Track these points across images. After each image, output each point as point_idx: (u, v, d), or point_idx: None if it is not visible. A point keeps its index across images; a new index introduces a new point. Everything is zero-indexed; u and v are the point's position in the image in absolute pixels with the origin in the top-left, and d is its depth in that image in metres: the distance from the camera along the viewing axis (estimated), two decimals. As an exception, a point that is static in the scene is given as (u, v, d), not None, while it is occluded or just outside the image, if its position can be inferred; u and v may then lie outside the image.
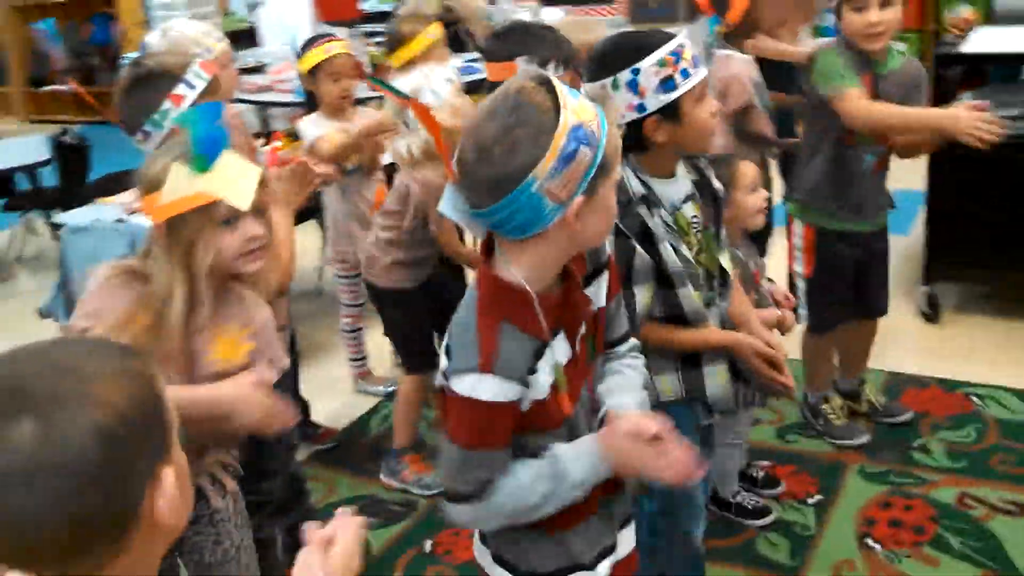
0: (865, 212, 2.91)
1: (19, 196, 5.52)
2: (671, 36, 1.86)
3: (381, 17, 7.16)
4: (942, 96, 4.13)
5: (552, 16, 7.01)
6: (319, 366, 3.94)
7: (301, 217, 4.44)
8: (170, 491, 0.93)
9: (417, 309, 2.96)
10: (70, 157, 5.16)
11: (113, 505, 0.89)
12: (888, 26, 2.68)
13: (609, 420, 1.54)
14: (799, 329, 3.05)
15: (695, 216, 1.99)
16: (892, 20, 2.68)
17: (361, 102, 3.81)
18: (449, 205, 1.40)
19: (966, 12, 4.49)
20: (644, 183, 1.92)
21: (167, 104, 2.18)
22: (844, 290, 3.00)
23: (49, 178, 5.39)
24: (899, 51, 2.84)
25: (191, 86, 2.22)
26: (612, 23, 6.99)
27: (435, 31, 3.43)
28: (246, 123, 6.35)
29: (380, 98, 4.29)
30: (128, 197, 3.27)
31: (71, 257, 3.48)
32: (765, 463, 2.97)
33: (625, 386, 1.65)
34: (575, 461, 1.47)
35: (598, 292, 1.57)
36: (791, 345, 3.16)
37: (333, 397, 3.71)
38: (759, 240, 3.78)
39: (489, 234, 1.45)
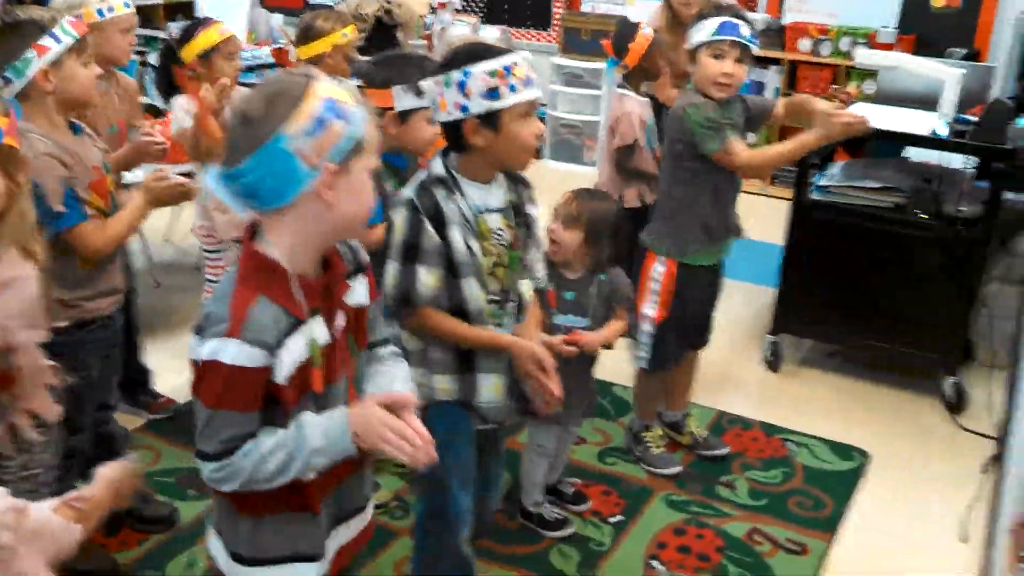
0: (721, 244, 3.05)
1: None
2: (508, 52, 1.99)
3: (325, 9, 7.25)
4: (825, 156, 4.34)
5: (490, 34, 7.16)
6: (179, 337, 3.98)
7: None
8: None
9: None
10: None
11: None
12: (737, 80, 2.85)
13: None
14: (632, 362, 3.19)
15: (500, 229, 2.10)
16: (741, 76, 2.85)
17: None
18: (213, 181, 1.48)
19: (851, 87, 4.72)
20: (452, 175, 2.04)
21: (30, 53, 2.25)
22: (691, 328, 3.15)
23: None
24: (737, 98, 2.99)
25: (57, 40, 2.29)
26: (544, 49, 7.15)
27: (349, 32, 3.51)
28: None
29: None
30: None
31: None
32: (578, 480, 3.10)
33: (388, 375, 1.75)
34: (317, 427, 1.54)
35: (358, 290, 1.67)
36: (620, 372, 3.31)
37: (186, 370, 3.74)
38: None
39: (253, 222, 1.54)
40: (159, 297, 4.42)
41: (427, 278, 2.02)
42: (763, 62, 6.23)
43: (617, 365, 3.12)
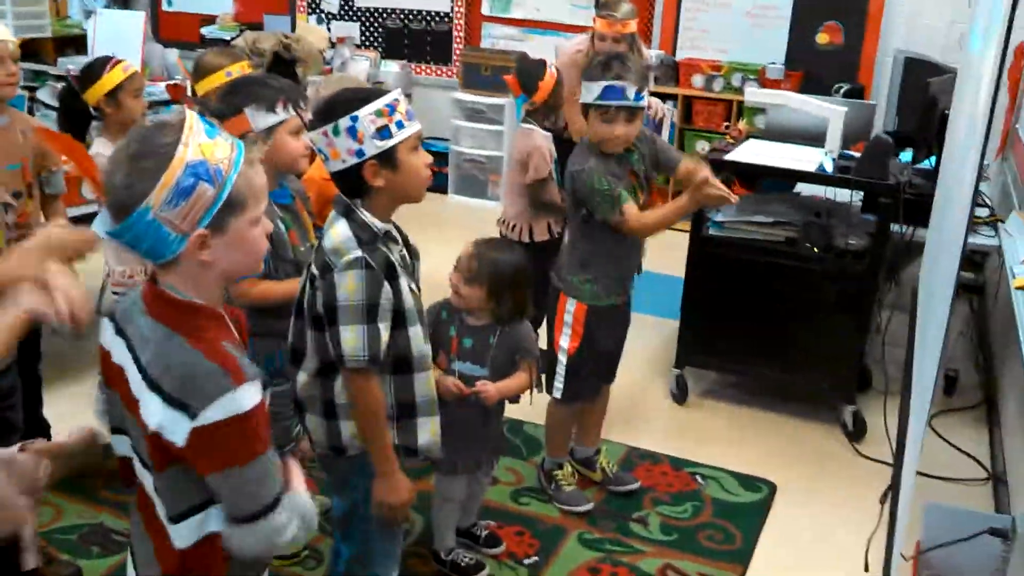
0: (628, 283, 3.14)
1: None
2: (386, 92, 2.05)
3: (222, 44, 7.16)
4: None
5: (390, 68, 7.17)
6: (80, 383, 3.85)
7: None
8: None
9: None
10: None
11: None
12: (628, 138, 2.92)
13: None
14: (542, 397, 3.22)
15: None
16: (633, 132, 2.92)
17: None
18: (100, 226, 1.50)
19: (742, 123, 4.88)
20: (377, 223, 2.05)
21: None
22: (603, 363, 3.21)
23: None
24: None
25: None
26: (445, 84, 7.20)
27: (238, 69, 3.48)
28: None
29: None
30: None
31: None
32: (492, 523, 3.10)
33: None
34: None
35: None
36: (531, 410, 3.33)
37: (88, 419, 3.62)
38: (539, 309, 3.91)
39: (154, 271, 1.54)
40: (54, 343, 4.26)
41: (385, 335, 2.04)
42: (659, 97, 6.37)
43: (527, 404, 3.14)
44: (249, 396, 1.45)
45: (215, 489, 1.49)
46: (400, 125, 2.01)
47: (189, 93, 5.02)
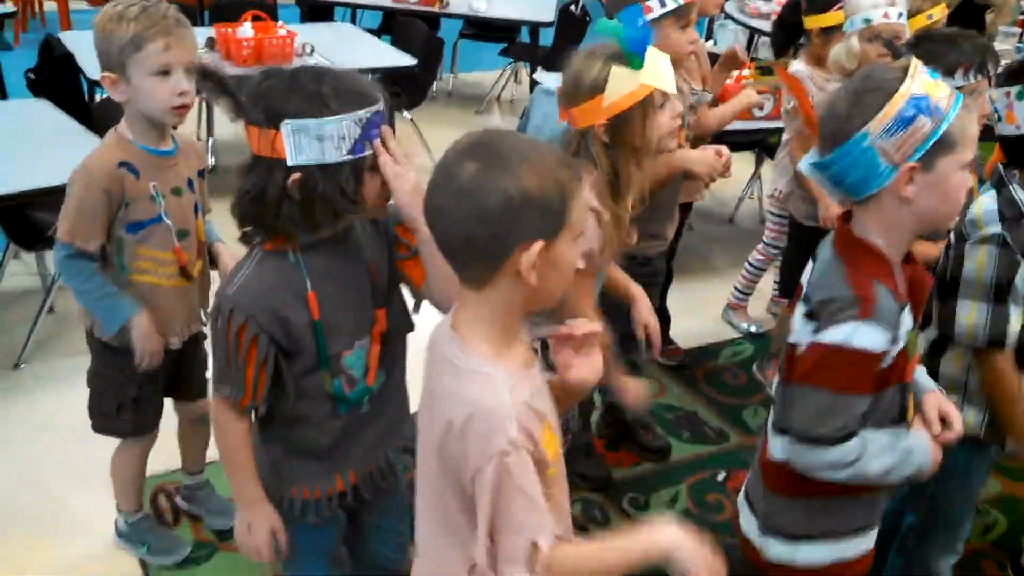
0: None
1: (516, 45, 6.23)
2: None
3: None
4: None
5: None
6: (706, 285, 4.18)
7: (745, 146, 4.61)
8: (532, 259, 1.23)
9: None
10: (571, 25, 5.69)
11: (491, 242, 1.23)
12: None
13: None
14: None
15: None
16: None
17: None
18: (807, 167, 1.58)
19: None
20: None
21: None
22: None
23: (547, 37, 6.01)
24: None
25: (663, 4, 2.46)
26: None
27: (938, 13, 3.38)
28: (735, 42, 6.51)
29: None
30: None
31: (534, 114, 3.94)
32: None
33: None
34: (919, 448, 1.60)
35: None
36: None
37: (698, 316, 3.93)
38: None
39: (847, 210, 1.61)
40: (689, 241, 4.59)
41: (1015, 319, 1.91)
42: None
43: None
44: (867, 336, 1.48)
45: (790, 398, 1.56)
46: None
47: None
